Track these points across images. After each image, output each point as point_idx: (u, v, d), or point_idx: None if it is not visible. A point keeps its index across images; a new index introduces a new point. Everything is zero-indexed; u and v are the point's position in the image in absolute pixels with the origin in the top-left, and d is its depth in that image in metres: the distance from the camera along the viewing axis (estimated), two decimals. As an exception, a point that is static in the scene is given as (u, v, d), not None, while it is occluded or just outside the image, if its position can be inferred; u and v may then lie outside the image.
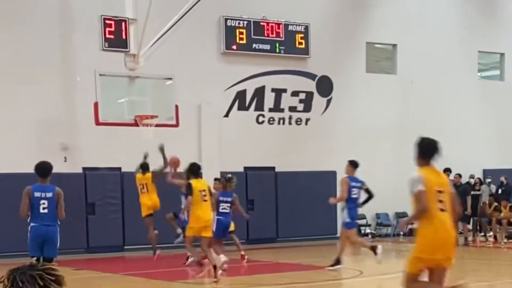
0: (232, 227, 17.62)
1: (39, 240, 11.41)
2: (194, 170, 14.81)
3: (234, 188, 17.03)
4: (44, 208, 11.34)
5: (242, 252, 18.18)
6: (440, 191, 8.22)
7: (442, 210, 8.19)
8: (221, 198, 16.52)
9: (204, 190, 14.62)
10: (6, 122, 20.57)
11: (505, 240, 22.52)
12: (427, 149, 8.43)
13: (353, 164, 16.75)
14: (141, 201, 18.06)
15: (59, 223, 11.57)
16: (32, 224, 11.46)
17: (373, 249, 16.24)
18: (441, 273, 8.30)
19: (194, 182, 14.55)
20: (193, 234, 14.71)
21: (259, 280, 15.52)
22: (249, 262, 18.31)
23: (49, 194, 11.38)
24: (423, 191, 8.12)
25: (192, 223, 14.61)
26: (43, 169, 11.54)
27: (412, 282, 8.27)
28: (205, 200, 14.55)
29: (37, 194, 11.36)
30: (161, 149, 17.84)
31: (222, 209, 16.53)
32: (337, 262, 16.50)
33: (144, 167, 18.02)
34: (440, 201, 8.19)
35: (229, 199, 16.78)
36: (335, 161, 25.18)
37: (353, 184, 16.45)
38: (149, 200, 17.90)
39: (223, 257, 15.57)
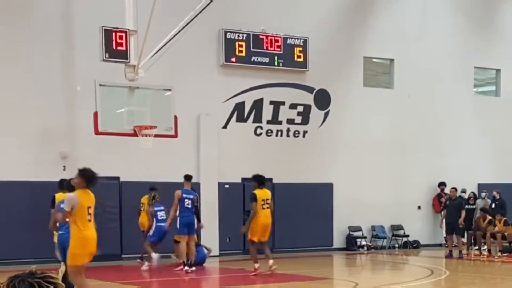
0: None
1: (60, 246, 12.65)
2: (63, 185, 16.61)
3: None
4: None
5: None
6: (89, 207, 11.43)
7: (89, 220, 11.46)
8: (156, 208, 19.22)
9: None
10: (6, 131, 20.70)
11: (499, 254, 22.68)
12: (89, 178, 11.38)
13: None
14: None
15: None
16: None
17: None
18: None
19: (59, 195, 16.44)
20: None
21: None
22: (246, 272, 18.43)
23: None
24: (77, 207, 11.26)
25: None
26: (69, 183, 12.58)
27: (76, 274, 11.51)
28: None
29: (62, 205, 12.27)
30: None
31: (160, 216, 19.14)
32: None
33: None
34: (89, 214, 11.43)
35: (162, 208, 19.27)
36: (332, 173, 25.40)
37: None
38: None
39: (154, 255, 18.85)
